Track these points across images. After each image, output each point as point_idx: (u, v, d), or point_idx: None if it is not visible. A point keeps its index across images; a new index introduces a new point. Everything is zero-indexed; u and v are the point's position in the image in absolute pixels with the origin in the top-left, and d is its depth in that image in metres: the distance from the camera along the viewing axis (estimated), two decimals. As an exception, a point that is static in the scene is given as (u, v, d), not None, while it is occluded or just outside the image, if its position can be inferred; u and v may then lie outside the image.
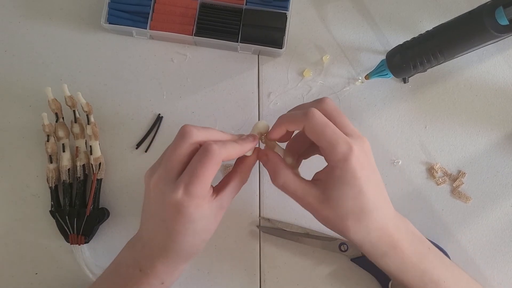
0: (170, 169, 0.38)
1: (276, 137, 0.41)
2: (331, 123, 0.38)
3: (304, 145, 0.44)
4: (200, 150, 0.38)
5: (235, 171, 0.43)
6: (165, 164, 0.39)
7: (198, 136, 0.39)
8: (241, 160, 0.43)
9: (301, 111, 0.39)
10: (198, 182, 0.37)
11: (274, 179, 0.41)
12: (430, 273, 0.41)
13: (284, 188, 0.40)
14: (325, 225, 0.40)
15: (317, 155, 0.43)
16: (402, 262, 0.40)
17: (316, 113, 0.38)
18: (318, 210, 0.39)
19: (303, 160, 0.45)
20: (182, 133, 0.39)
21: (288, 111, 0.43)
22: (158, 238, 0.40)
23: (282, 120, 0.41)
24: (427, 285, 0.41)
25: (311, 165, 0.42)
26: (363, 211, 0.38)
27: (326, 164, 0.39)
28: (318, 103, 0.40)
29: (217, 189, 0.41)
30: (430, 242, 0.44)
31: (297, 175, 0.41)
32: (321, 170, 0.41)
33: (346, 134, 0.38)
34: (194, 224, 0.39)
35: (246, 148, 0.41)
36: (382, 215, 0.39)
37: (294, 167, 0.44)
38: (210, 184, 0.38)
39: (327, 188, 0.38)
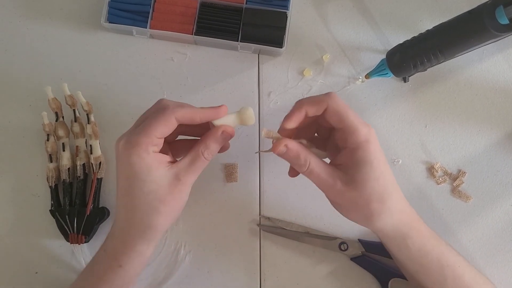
0: (130, 128, 0.40)
1: (293, 123, 0.40)
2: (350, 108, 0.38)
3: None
4: (156, 107, 0.39)
5: (196, 143, 0.41)
6: (131, 127, 0.41)
7: (169, 101, 0.40)
8: (206, 131, 0.42)
9: (322, 94, 0.39)
10: (140, 131, 0.37)
11: (300, 166, 0.39)
12: (447, 256, 0.42)
13: (310, 175, 0.40)
14: (346, 213, 0.40)
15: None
16: (423, 244, 0.41)
17: (338, 96, 0.38)
18: (343, 192, 0.39)
19: None
20: (156, 102, 0.41)
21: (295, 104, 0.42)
22: (119, 208, 0.41)
23: (302, 103, 0.40)
24: (444, 268, 0.41)
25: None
26: (386, 191, 0.38)
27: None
28: (327, 95, 0.39)
29: (177, 161, 0.41)
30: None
31: (320, 159, 0.40)
32: (339, 155, 0.40)
33: None
34: (142, 183, 0.38)
35: (205, 113, 0.40)
36: (400, 197, 0.40)
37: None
38: (156, 137, 0.38)
39: (351, 170, 0.38)
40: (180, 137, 0.47)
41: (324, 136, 0.45)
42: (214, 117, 0.41)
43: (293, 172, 0.44)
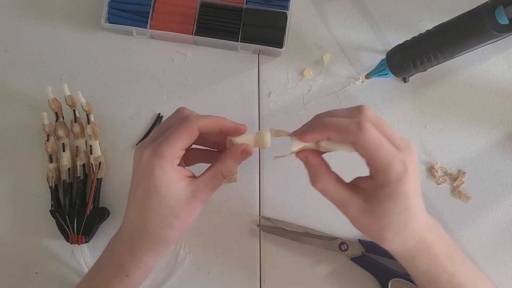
0: (151, 136, 0.39)
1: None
2: (385, 140, 0.35)
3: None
4: (179, 119, 0.38)
5: (216, 160, 0.41)
6: (150, 134, 0.41)
7: (189, 111, 0.40)
8: (226, 149, 0.42)
9: (352, 121, 0.35)
10: (165, 143, 0.37)
11: (314, 182, 0.39)
12: (458, 276, 0.40)
13: (323, 193, 0.39)
14: (359, 230, 0.39)
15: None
16: (433, 266, 0.40)
17: (370, 128, 0.34)
18: (358, 219, 0.38)
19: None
20: (176, 110, 0.40)
21: (318, 116, 0.39)
22: (131, 218, 0.40)
23: (327, 126, 0.36)
24: None
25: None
26: (404, 225, 0.37)
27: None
28: (359, 112, 0.37)
29: (196, 177, 0.40)
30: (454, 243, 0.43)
31: (338, 180, 0.39)
32: (365, 178, 0.38)
33: (395, 147, 0.36)
34: (161, 197, 0.37)
35: (227, 125, 0.39)
36: (419, 225, 0.38)
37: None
38: (180, 150, 0.37)
39: (372, 200, 0.37)
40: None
41: None
42: (234, 132, 0.40)
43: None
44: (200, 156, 0.45)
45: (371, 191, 0.37)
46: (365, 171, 0.38)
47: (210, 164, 0.41)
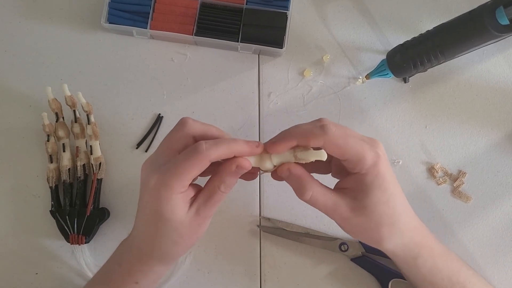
0: (159, 154, 0.39)
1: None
2: (351, 131, 0.36)
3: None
4: (190, 147, 0.37)
5: (212, 176, 0.39)
6: (157, 149, 0.39)
7: (194, 127, 0.39)
8: (223, 163, 0.39)
9: (316, 126, 0.36)
10: (173, 174, 0.36)
11: (301, 193, 0.38)
12: (458, 273, 0.41)
13: (312, 202, 0.39)
14: (354, 236, 0.39)
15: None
16: (434, 263, 0.40)
17: (333, 127, 0.36)
18: (350, 218, 0.38)
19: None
20: (179, 123, 0.39)
21: (282, 132, 0.39)
22: (140, 231, 0.40)
23: (294, 134, 0.37)
24: (454, 286, 0.41)
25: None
26: (395, 213, 0.37)
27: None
28: (320, 122, 0.37)
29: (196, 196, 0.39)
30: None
31: (324, 186, 0.39)
32: (346, 179, 0.39)
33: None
34: (166, 220, 0.37)
35: (239, 147, 0.37)
36: (411, 216, 0.39)
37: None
38: (188, 181, 0.37)
39: (359, 195, 0.37)
40: None
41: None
42: (249, 154, 0.38)
43: (277, 176, 0.41)
44: (213, 169, 0.42)
45: (354, 186, 0.38)
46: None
47: None
